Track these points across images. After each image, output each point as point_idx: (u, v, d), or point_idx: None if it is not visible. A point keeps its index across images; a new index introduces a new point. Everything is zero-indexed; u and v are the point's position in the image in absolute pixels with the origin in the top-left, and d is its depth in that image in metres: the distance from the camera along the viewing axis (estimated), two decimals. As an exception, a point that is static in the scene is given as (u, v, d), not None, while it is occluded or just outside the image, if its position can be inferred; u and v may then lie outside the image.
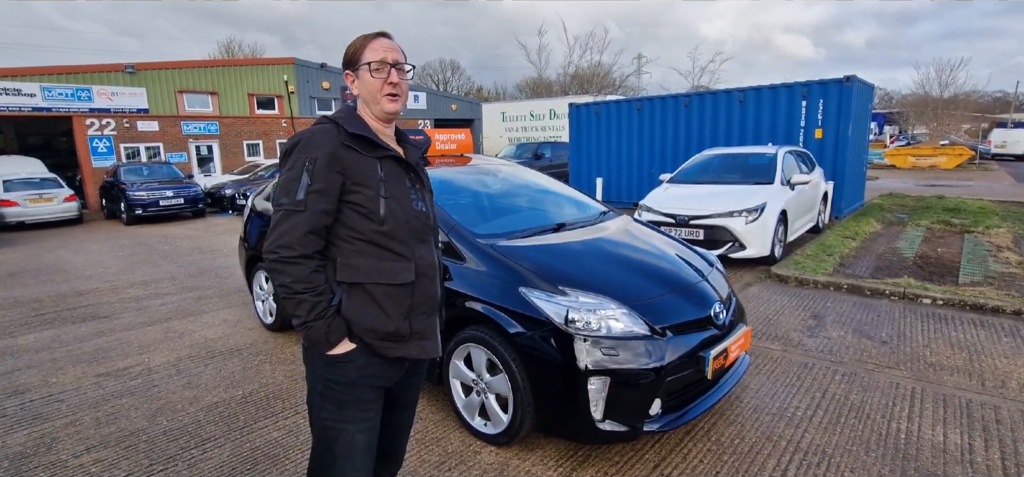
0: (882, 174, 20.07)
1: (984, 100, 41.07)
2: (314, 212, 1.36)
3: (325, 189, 1.36)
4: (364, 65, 1.45)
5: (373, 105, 1.48)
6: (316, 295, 1.38)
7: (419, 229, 1.50)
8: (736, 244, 6.26)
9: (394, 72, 1.46)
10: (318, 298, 1.38)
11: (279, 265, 1.37)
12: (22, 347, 4.47)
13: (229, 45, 41.70)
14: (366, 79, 1.45)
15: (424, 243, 1.52)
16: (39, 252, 9.43)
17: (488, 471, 2.55)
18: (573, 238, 3.11)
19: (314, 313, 1.38)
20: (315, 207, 1.36)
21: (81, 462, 2.72)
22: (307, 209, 1.36)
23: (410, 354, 1.50)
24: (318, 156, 1.37)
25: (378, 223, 1.40)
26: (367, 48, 1.46)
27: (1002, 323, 4.29)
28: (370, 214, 1.40)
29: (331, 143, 1.38)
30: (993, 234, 7.67)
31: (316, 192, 1.36)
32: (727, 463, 2.56)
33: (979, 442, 2.67)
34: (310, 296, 1.37)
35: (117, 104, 17.68)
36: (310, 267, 1.37)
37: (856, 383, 3.34)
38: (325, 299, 1.39)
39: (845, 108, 9.03)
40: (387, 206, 1.41)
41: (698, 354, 2.54)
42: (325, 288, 1.40)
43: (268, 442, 2.86)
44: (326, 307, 1.39)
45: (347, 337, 1.42)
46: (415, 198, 1.51)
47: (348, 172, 1.38)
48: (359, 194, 1.39)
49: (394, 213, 1.43)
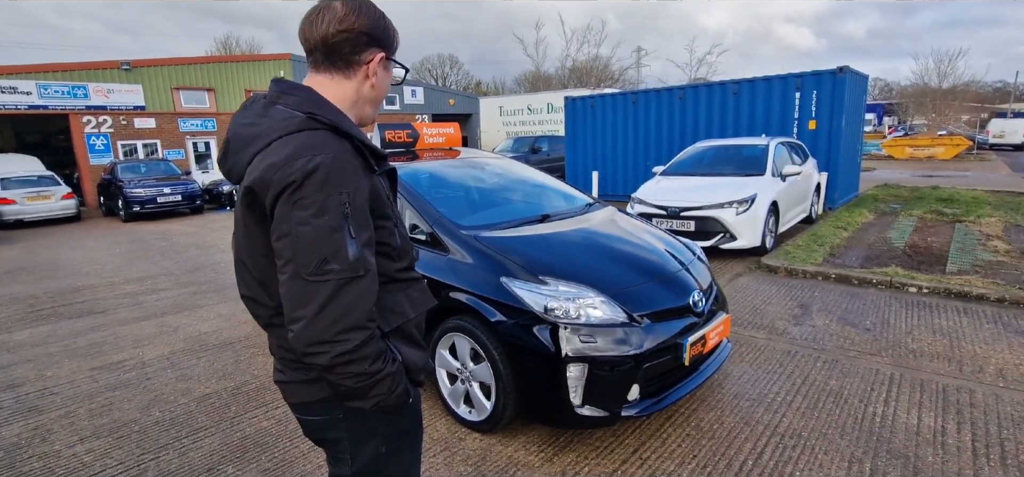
0: (879, 165, 20.09)
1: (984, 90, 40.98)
2: (374, 274, 1.04)
3: (371, 238, 1.06)
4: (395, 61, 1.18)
5: (364, 105, 1.17)
6: (392, 364, 1.10)
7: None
8: (727, 235, 6.31)
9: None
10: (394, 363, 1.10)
11: (351, 357, 1.00)
12: (18, 342, 4.53)
13: (226, 41, 41.64)
14: (385, 77, 1.17)
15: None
16: (37, 249, 9.49)
17: (472, 457, 2.61)
18: (557, 229, 3.16)
19: (395, 384, 1.10)
20: (373, 265, 1.04)
21: (74, 452, 2.79)
22: (367, 271, 1.02)
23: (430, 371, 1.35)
24: (353, 191, 1.01)
25: (395, 258, 1.16)
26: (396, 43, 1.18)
27: (985, 310, 4.34)
28: (391, 252, 1.15)
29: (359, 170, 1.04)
30: (984, 223, 7.71)
31: (368, 243, 1.03)
32: (705, 447, 2.62)
33: (952, 425, 2.73)
34: (389, 367, 1.08)
35: (114, 101, 17.69)
36: (379, 336, 1.07)
37: (836, 369, 3.40)
38: (397, 360, 1.12)
39: (838, 99, 9.05)
40: (400, 234, 1.19)
41: (676, 341, 2.59)
42: (388, 349, 1.11)
43: (258, 431, 2.92)
44: (400, 367, 1.12)
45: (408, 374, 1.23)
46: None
47: (374, 206, 1.08)
48: (381, 230, 1.11)
49: (405, 237, 1.23)
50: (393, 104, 26.10)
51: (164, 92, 19.30)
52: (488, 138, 24.46)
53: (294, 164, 0.97)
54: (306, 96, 1.09)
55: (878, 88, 52.20)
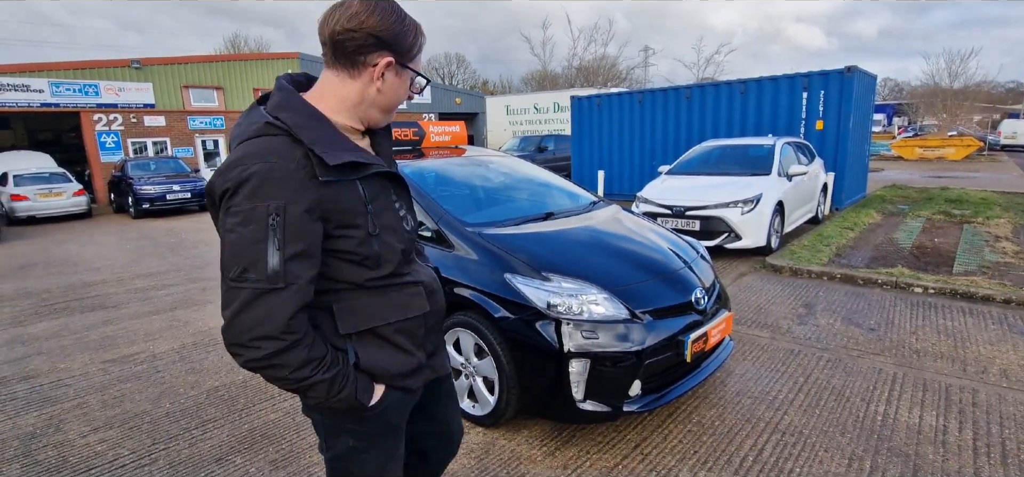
0: (888, 165, 19.94)
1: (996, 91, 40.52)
2: (301, 287, 1.02)
3: (308, 248, 1.02)
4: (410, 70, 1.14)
5: (372, 109, 1.14)
6: (331, 368, 1.08)
7: (410, 250, 1.24)
8: (732, 235, 6.31)
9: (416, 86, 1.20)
10: (334, 370, 1.09)
11: (264, 363, 1.02)
12: (32, 335, 4.62)
13: (235, 40, 41.95)
14: (398, 85, 1.14)
15: (419, 258, 1.31)
16: (49, 245, 9.64)
17: (475, 450, 2.65)
18: (560, 226, 3.19)
19: (334, 390, 1.09)
20: (301, 276, 1.02)
21: (87, 441, 2.85)
22: (288, 285, 1.00)
23: (429, 377, 1.33)
24: (287, 201, 0.98)
25: (374, 267, 1.12)
26: (420, 44, 1.14)
27: (991, 311, 4.33)
28: (363, 260, 1.11)
29: (301, 179, 1.00)
30: (993, 225, 7.66)
31: (297, 256, 1.01)
32: (706, 443, 2.65)
33: (954, 424, 2.73)
34: (321, 374, 1.07)
35: (124, 99, 17.89)
36: (307, 346, 1.05)
37: (839, 368, 3.40)
38: (339, 365, 1.10)
39: (846, 99, 9.01)
40: (382, 243, 1.12)
41: (678, 338, 2.61)
42: (333, 356, 1.10)
43: (265, 423, 2.97)
44: (346, 371, 1.12)
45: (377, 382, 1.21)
46: (403, 214, 1.23)
47: (331, 214, 1.05)
48: (348, 238, 1.08)
49: (390, 246, 1.15)
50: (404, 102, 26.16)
51: (174, 90, 19.50)
52: (494, 137, 24.50)
53: (231, 171, 0.99)
54: (280, 99, 1.08)
55: (888, 88, 51.73)
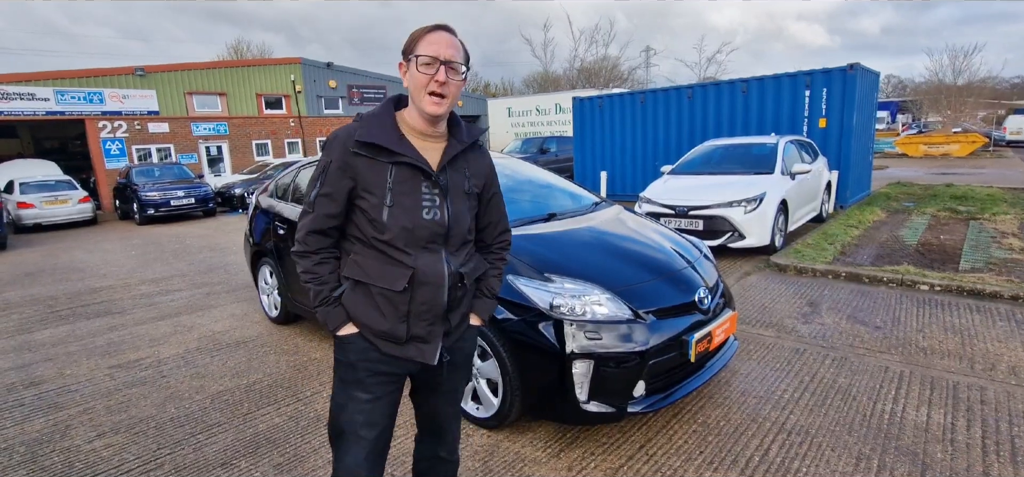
0: (892, 163, 19.84)
1: (1001, 86, 40.28)
2: (319, 215, 1.44)
3: (333, 193, 1.42)
4: (415, 57, 1.39)
5: (418, 102, 1.42)
6: (319, 284, 1.49)
7: (426, 237, 1.45)
8: (735, 234, 6.29)
9: (443, 70, 1.38)
10: (321, 287, 1.49)
11: (295, 256, 1.51)
12: (39, 342, 4.64)
13: (237, 46, 42.15)
14: (413, 73, 1.40)
15: (431, 251, 1.47)
16: (55, 252, 9.70)
17: (480, 452, 2.64)
18: (563, 227, 3.19)
19: (318, 300, 1.49)
20: (321, 210, 1.44)
21: (93, 446, 2.86)
22: (314, 211, 1.45)
23: (406, 355, 1.51)
24: (333, 159, 1.42)
25: (380, 230, 1.42)
26: (424, 40, 1.40)
27: (998, 308, 4.29)
28: (373, 221, 1.42)
29: (343, 148, 1.41)
30: (999, 221, 7.61)
31: (325, 196, 1.43)
32: (711, 444, 2.63)
33: (962, 422, 2.71)
34: (314, 285, 1.49)
35: (128, 107, 18.00)
36: (315, 261, 1.48)
37: (845, 367, 3.38)
38: (327, 288, 1.49)
39: (849, 96, 8.98)
40: (391, 214, 1.41)
41: (682, 338, 2.60)
42: (329, 278, 1.49)
43: (270, 427, 2.97)
44: (328, 296, 1.49)
45: (352, 321, 1.51)
46: (428, 205, 1.44)
47: (359, 177, 1.41)
48: (365, 200, 1.42)
49: (398, 221, 1.41)
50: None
51: (177, 97, 19.61)
52: (496, 139, 24.52)
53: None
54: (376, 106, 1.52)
55: (891, 85, 51.49)
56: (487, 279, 1.68)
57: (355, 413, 1.53)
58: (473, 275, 1.59)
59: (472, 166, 1.57)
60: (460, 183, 1.51)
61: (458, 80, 1.43)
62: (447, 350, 1.58)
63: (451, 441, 1.77)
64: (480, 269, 1.64)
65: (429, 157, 1.46)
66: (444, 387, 1.67)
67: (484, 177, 1.61)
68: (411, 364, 1.54)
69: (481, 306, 1.68)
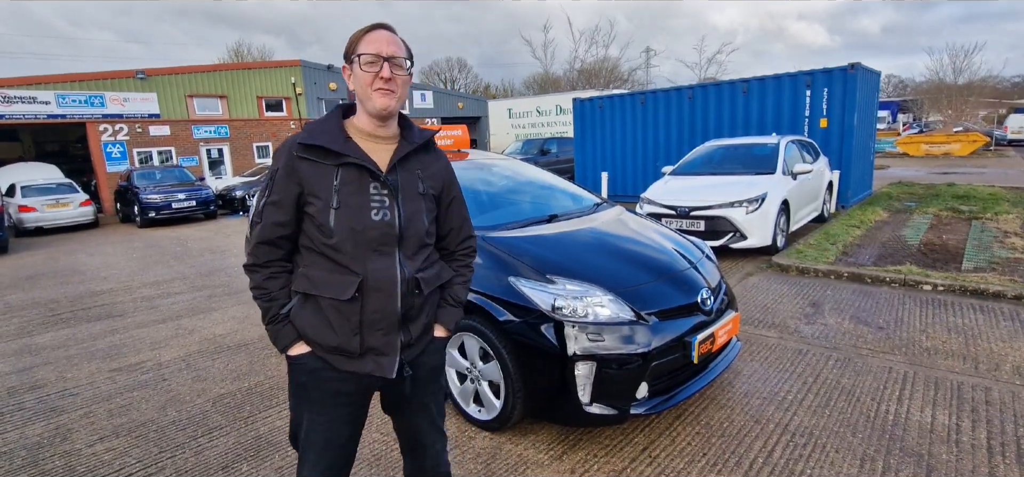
0: (894, 162, 19.81)
1: (1002, 85, 40.21)
2: (268, 224, 1.40)
3: (280, 201, 1.39)
4: (357, 57, 1.38)
5: (365, 101, 1.40)
6: (268, 301, 1.44)
7: (376, 239, 1.39)
8: (737, 234, 6.28)
9: (387, 66, 1.37)
10: (269, 304, 1.44)
11: (246, 270, 1.47)
12: (40, 345, 4.64)
13: (238, 49, 42.21)
14: (358, 73, 1.38)
15: (383, 255, 1.41)
16: (56, 255, 9.70)
17: (482, 455, 2.63)
18: (564, 229, 3.18)
19: (267, 317, 1.45)
20: (269, 219, 1.40)
21: (94, 451, 2.85)
22: (263, 220, 1.41)
23: (363, 370, 1.44)
24: (279, 166, 1.39)
25: (327, 235, 1.37)
26: (363, 40, 1.39)
27: (1002, 308, 4.28)
28: (321, 226, 1.37)
29: (288, 153, 1.38)
30: (1001, 220, 7.58)
31: (272, 204, 1.39)
32: (715, 445, 2.62)
33: (967, 423, 2.69)
34: (262, 302, 1.44)
35: (129, 110, 18.03)
36: (265, 275, 1.43)
37: (849, 368, 3.37)
38: (276, 305, 1.44)
39: (850, 96, 8.96)
40: (337, 217, 1.36)
41: (684, 339, 2.59)
42: (278, 294, 1.44)
43: (271, 430, 2.96)
44: (276, 313, 1.44)
45: (302, 339, 1.44)
46: (377, 206, 1.39)
47: (305, 182, 1.37)
48: (313, 205, 1.37)
49: (345, 223, 1.37)
50: (403, 108, 26.26)
51: (178, 100, 19.64)
52: (497, 140, 24.52)
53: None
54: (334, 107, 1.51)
55: (892, 85, 51.43)
56: (452, 287, 1.61)
57: (312, 432, 1.49)
58: (433, 283, 1.52)
59: (427, 168, 1.51)
60: (413, 184, 1.46)
61: (404, 75, 1.41)
62: (409, 364, 1.50)
63: (434, 456, 1.69)
64: (443, 277, 1.57)
65: (378, 158, 1.42)
66: (413, 403, 1.60)
67: (441, 180, 1.55)
68: (371, 379, 1.47)
69: (445, 315, 1.60)
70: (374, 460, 2.63)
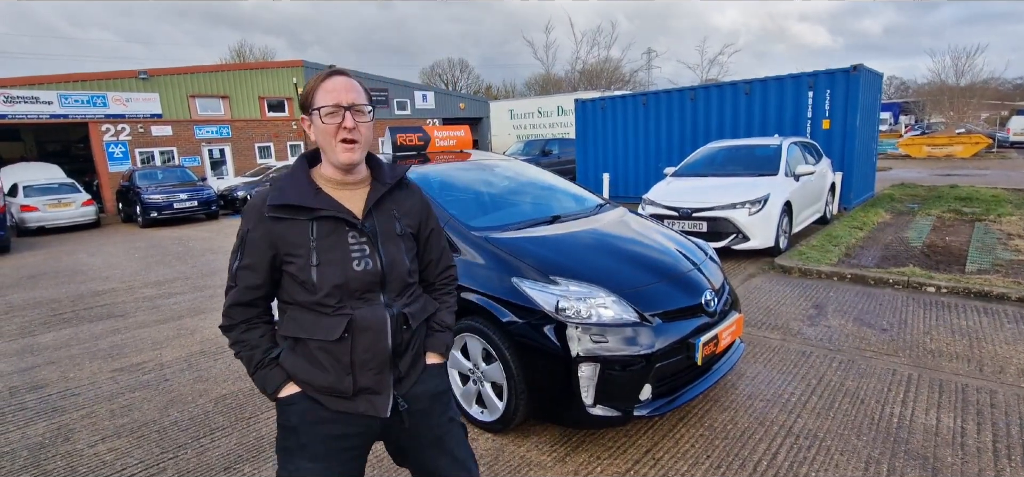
0: (896, 164, 19.78)
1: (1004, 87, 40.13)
2: (242, 288, 1.37)
3: (254, 264, 1.35)
4: (315, 110, 1.32)
5: (329, 154, 1.35)
6: (249, 350, 1.40)
7: (361, 288, 1.36)
8: (739, 236, 6.26)
9: (349, 116, 1.31)
10: (251, 352, 1.40)
11: (222, 330, 1.43)
12: (42, 345, 4.64)
13: (240, 49, 42.27)
14: (318, 125, 1.33)
15: (368, 302, 1.37)
16: (58, 255, 9.71)
17: (485, 456, 2.62)
18: (567, 230, 3.17)
19: (251, 366, 1.41)
20: (243, 283, 1.37)
21: (96, 451, 2.85)
22: (237, 284, 1.37)
23: (357, 410, 1.39)
24: (249, 228, 1.35)
25: (312, 292, 1.34)
26: (319, 90, 1.33)
27: (1006, 310, 4.26)
28: (304, 284, 1.34)
29: (258, 215, 1.34)
30: (1004, 222, 7.56)
31: (245, 268, 1.36)
32: (718, 447, 2.61)
33: (972, 425, 2.68)
34: (244, 353, 1.41)
35: (131, 110, 18.05)
36: (241, 330, 1.40)
37: (853, 370, 3.35)
38: (259, 352, 1.40)
39: (852, 98, 8.94)
40: (320, 273, 1.32)
41: (688, 341, 2.58)
42: (260, 342, 1.41)
43: (273, 431, 2.95)
44: (262, 359, 1.40)
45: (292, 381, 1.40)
46: (358, 256, 1.36)
47: (279, 243, 1.33)
48: (292, 264, 1.33)
49: (329, 279, 1.33)
50: (405, 109, 26.29)
51: (180, 100, 19.66)
52: (499, 141, 24.53)
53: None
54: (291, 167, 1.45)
55: (894, 86, 51.37)
56: (438, 314, 1.57)
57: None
58: (419, 317, 1.48)
59: (402, 206, 1.46)
60: (390, 226, 1.42)
61: (366, 122, 1.35)
62: (403, 398, 1.44)
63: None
64: (429, 309, 1.53)
65: (351, 206, 1.37)
66: (422, 440, 1.49)
67: (418, 216, 1.50)
68: (367, 421, 1.41)
69: (435, 342, 1.54)
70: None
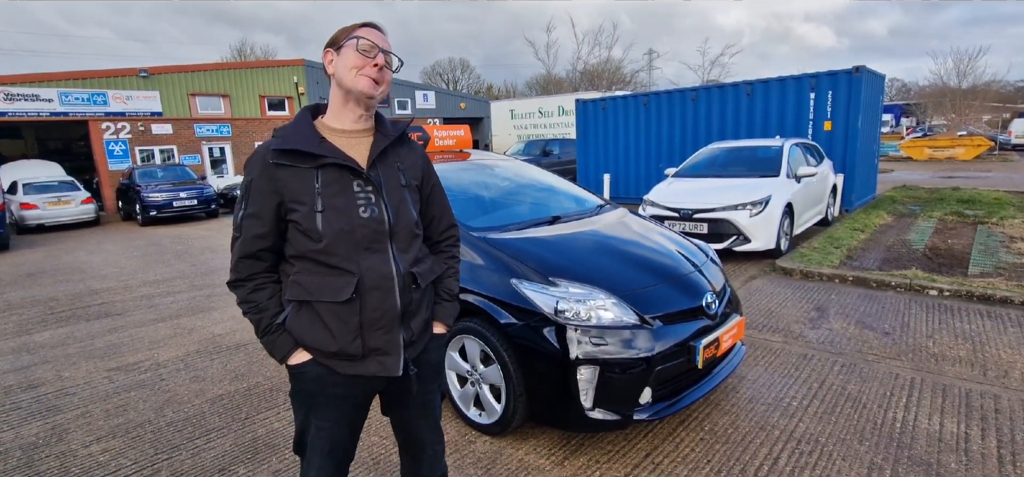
0: (898, 166, 19.73)
1: (1006, 90, 40.02)
2: (248, 238, 1.36)
3: (259, 212, 1.35)
4: (351, 41, 1.36)
5: (350, 84, 1.36)
6: (258, 313, 1.40)
7: (367, 238, 1.36)
8: (741, 237, 6.23)
9: (381, 56, 1.37)
10: (259, 316, 1.40)
11: (229, 287, 1.44)
12: (38, 343, 4.61)
13: (241, 48, 42.26)
14: (347, 54, 1.35)
15: (375, 252, 1.38)
16: (57, 253, 9.68)
17: (482, 460, 2.59)
18: (567, 231, 3.14)
19: (260, 329, 1.41)
20: (249, 232, 1.36)
21: (90, 451, 2.82)
22: (242, 234, 1.37)
23: (367, 372, 1.42)
24: (253, 177, 1.35)
25: (317, 240, 1.33)
26: (361, 29, 1.39)
27: (1010, 314, 4.22)
28: (308, 231, 1.33)
29: (262, 162, 1.34)
30: (1007, 225, 7.53)
31: (251, 216, 1.35)
32: (718, 452, 2.58)
33: (976, 431, 2.64)
34: (252, 315, 1.40)
35: (132, 108, 18.04)
36: (250, 288, 1.40)
37: (855, 374, 3.32)
38: (267, 315, 1.40)
39: (854, 99, 8.91)
40: (325, 220, 1.33)
41: (689, 344, 2.55)
42: (268, 304, 1.40)
43: (269, 432, 2.93)
44: (270, 324, 1.40)
45: (301, 348, 1.42)
46: (364, 204, 1.37)
47: (284, 191, 1.33)
48: (297, 212, 1.33)
49: (334, 225, 1.33)
50: (405, 108, 26.27)
51: (180, 98, 19.65)
52: (499, 141, 24.49)
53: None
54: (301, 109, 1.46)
55: (895, 88, 51.26)
56: (443, 280, 1.60)
57: (318, 438, 1.49)
58: (427, 277, 1.50)
59: (404, 160, 1.49)
60: (394, 177, 1.44)
61: (389, 75, 1.41)
62: (413, 362, 1.49)
63: (431, 457, 1.67)
64: (435, 271, 1.56)
65: (356, 155, 1.39)
66: (415, 401, 1.58)
67: (420, 170, 1.53)
68: (375, 381, 1.46)
69: (442, 311, 1.59)
70: (373, 464, 2.59)
